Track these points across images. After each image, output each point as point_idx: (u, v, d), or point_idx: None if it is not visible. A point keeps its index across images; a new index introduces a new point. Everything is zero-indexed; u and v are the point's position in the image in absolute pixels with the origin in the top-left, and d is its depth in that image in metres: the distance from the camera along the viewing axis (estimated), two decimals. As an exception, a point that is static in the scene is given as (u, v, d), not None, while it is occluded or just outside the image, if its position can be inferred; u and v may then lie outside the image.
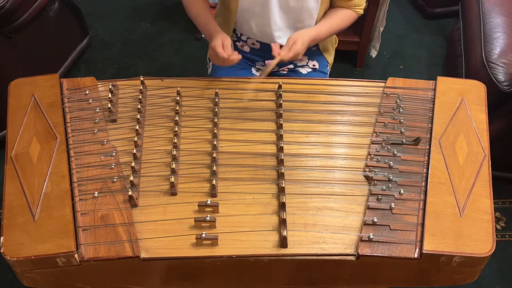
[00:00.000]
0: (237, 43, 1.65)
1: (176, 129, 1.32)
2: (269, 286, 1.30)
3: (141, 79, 1.44)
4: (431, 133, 1.33)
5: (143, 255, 1.12)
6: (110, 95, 1.38)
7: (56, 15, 2.33)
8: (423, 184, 1.24)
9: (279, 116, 1.37)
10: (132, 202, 1.19)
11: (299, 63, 1.67)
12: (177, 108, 1.38)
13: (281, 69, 1.68)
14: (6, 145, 1.28)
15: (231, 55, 1.39)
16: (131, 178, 1.20)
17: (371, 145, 1.32)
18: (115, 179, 1.23)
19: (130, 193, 1.18)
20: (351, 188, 1.24)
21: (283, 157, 1.27)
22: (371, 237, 1.14)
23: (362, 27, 2.46)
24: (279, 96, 1.42)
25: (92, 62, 2.65)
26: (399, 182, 1.24)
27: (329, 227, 1.17)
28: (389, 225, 1.16)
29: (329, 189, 1.24)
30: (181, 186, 1.24)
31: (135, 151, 1.26)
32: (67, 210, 1.16)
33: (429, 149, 1.30)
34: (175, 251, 1.13)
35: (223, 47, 1.40)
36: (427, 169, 1.26)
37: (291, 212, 1.18)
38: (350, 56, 2.66)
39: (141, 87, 1.41)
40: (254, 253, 1.13)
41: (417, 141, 1.30)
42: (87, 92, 1.41)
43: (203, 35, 2.25)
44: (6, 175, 1.23)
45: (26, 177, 1.22)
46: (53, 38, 2.37)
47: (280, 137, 1.32)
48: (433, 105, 1.39)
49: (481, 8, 2.12)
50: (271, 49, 1.53)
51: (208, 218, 1.15)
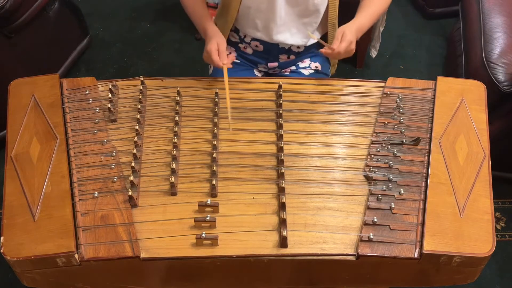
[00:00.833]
0: (239, 45, 1.65)
1: (176, 129, 1.32)
2: (269, 286, 1.30)
3: (141, 79, 1.44)
4: (431, 133, 1.33)
5: (143, 255, 1.12)
6: (110, 95, 1.38)
7: (56, 15, 2.33)
8: (423, 184, 1.24)
9: (279, 116, 1.37)
10: (132, 202, 1.19)
11: (301, 65, 1.66)
12: (177, 108, 1.38)
13: (283, 70, 1.68)
14: (6, 145, 1.28)
15: (227, 63, 1.39)
16: (131, 178, 1.20)
17: (371, 145, 1.32)
18: (115, 179, 1.23)
19: (130, 193, 1.18)
20: (351, 188, 1.24)
21: (283, 157, 1.27)
22: (371, 237, 1.14)
23: (362, 27, 2.46)
24: (279, 96, 1.42)
25: (92, 62, 2.65)
26: (399, 182, 1.24)
27: (329, 227, 1.17)
28: (389, 225, 1.16)
29: (329, 189, 1.24)
30: (181, 186, 1.24)
31: (135, 151, 1.26)
32: (67, 210, 1.16)
33: (429, 149, 1.30)
34: (175, 251, 1.13)
35: (219, 53, 1.40)
36: (427, 169, 1.26)
37: (291, 212, 1.18)
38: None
39: (141, 87, 1.41)
40: (254, 253, 1.13)
41: (417, 141, 1.30)
42: (87, 92, 1.41)
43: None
44: (6, 175, 1.23)
45: (26, 177, 1.22)
46: (53, 38, 2.37)
47: (280, 137, 1.32)
48: (433, 105, 1.39)
49: (481, 8, 2.11)
50: (275, 51, 1.53)
51: (208, 218, 1.15)
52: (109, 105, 1.36)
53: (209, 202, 1.18)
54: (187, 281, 1.23)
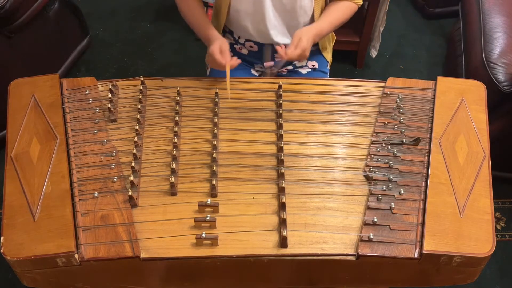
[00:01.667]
0: (235, 46, 1.65)
1: (176, 129, 1.32)
2: (269, 286, 1.30)
3: (141, 79, 1.44)
4: (431, 133, 1.33)
5: (143, 255, 1.12)
6: (110, 95, 1.38)
7: (56, 15, 2.33)
8: (423, 184, 1.24)
9: (279, 116, 1.37)
10: (132, 202, 1.19)
11: (298, 64, 1.67)
12: (177, 108, 1.38)
13: (281, 70, 1.68)
14: (6, 145, 1.28)
15: (230, 61, 1.39)
16: (131, 178, 1.20)
17: (371, 145, 1.32)
18: (115, 179, 1.23)
19: (130, 193, 1.18)
20: (351, 188, 1.24)
21: (283, 157, 1.27)
22: (371, 237, 1.14)
23: (362, 27, 2.46)
24: (279, 96, 1.42)
25: (92, 62, 2.65)
26: (399, 182, 1.24)
27: (329, 227, 1.17)
28: (389, 225, 1.16)
29: (329, 189, 1.24)
30: (181, 186, 1.24)
31: (135, 151, 1.26)
32: (67, 210, 1.16)
33: (429, 149, 1.30)
34: (175, 251, 1.13)
35: (221, 52, 1.40)
36: (427, 169, 1.26)
37: (291, 212, 1.18)
38: (350, 56, 2.66)
39: (141, 87, 1.41)
40: (254, 253, 1.13)
41: (417, 141, 1.30)
42: (87, 92, 1.41)
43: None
44: (6, 175, 1.23)
45: (26, 177, 1.22)
46: (53, 38, 2.37)
47: (280, 137, 1.32)
48: (433, 105, 1.39)
49: (481, 8, 2.11)
50: (270, 51, 1.53)
51: (208, 218, 1.15)
52: (109, 105, 1.36)
53: (209, 202, 1.18)
54: (187, 281, 1.23)
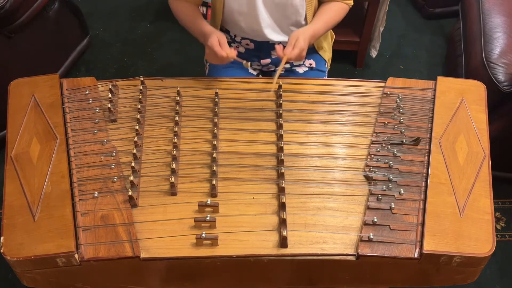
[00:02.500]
0: (232, 44, 1.65)
1: (176, 129, 1.32)
2: (269, 286, 1.30)
3: (141, 79, 1.44)
4: (431, 133, 1.33)
5: (143, 255, 1.12)
6: (110, 95, 1.38)
7: (56, 15, 2.33)
8: (423, 184, 1.24)
9: (279, 116, 1.37)
10: (132, 202, 1.19)
11: (295, 63, 1.67)
12: (177, 108, 1.38)
13: (277, 67, 1.68)
14: (6, 145, 1.28)
15: (230, 52, 1.39)
16: (131, 178, 1.20)
17: (371, 145, 1.32)
18: (115, 179, 1.23)
19: (130, 193, 1.18)
20: (351, 188, 1.24)
21: (283, 157, 1.27)
22: (371, 237, 1.14)
23: (362, 27, 2.46)
24: (279, 96, 1.42)
25: (92, 62, 2.65)
26: (399, 182, 1.24)
27: (329, 227, 1.17)
28: (389, 225, 1.16)
29: (329, 189, 1.24)
30: (181, 186, 1.24)
31: (135, 151, 1.26)
32: (67, 210, 1.16)
33: (429, 149, 1.30)
34: (175, 251, 1.13)
35: (220, 45, 1.40)
36: (427, 169, 1.26)
37: (291, 212, 1.18)
38: (350, 56, 2.66)
39: (141, 87, 1.41)
40: (254, 253, 1.13)
41: (417, 141, 1.30)
42: (87, 92, 1.41)
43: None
44: (6, 175, 1.23)
45: (26, 177, 1.22)
46: (53, 38, 2.37)
47: (280, 137, 1.32)
48: (433, 105, 1.39)
49: (481, 8, 2.11)
50: (267, 48, 1.53)
51: (208, 218, 1.15)
52: (109, 105, 1.36)
53: (209, 202, 1.18)
54: (187, 281, 1.23)
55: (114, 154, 1.28)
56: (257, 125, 1.37)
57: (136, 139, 1.29)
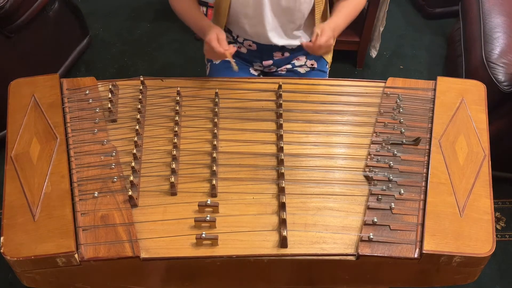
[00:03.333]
0: (234, 45, 1.65)
1: (176, 129, 1.32)
2: (269, 286, 1.30)
3: (141, 79, 1.44)
4: (431, 133, 1.33)
5: (143, 255, 1.12)
6: (110, 95, 1.38)
7: (56, 15, 2.33)
8: (423, 184, 1.24)
9: (279, 116, 1.37)
10: (132, 202, 1.19)
11: (297, 63, 1.67)
12: (177, 108, 1.38)
13: (279, 69, 1.68)
14: (6, 145, 1.28)
15: (228, 49, 1.39)
16: (131, 178, 1.20)
17: (371, 145, 1.32)
18: (115, 179, 1.23)
19: (130, 193, 1.18)
20: (351, 188, 1.24)
21: (283, 157, 1.27)
22: (371, 237, 1.14)
23: (362, 27, 2.46)
24: (279, 96, 1.42)
25: (92, 62, 2.65)
26: (399, 182, 1.24)
27: (329, 227, 1.17)
28: (389, 225, 1.16)
29: (329, 189, 1.24)
30: (181, 186, 1.24)
31: (135, 151, 1.26)
32: (67, 210, 1.16)
33: (429, 149, 1.30)
34: (175, 251, 1.13)
35: (218, 41, 1.39)
36: (427, 169, 1.26)
37: (291, 212, 1.18)
38: (350, 56, 2.66)
39: (141, 87, 1.41)
40: (254, 253, 1.13)
41: (417, 141, 1.30)
42: (87, 92, 1.41)
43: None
44: (6, 175, 1.23)
45: (26, 177, 1.22)
46: (53, 38, 2.37)
47: (280, 137, 1.32)
48: (433, 105, 1.39)
49: (481, 8, 2.11)
50: (269, 50, 1.53)
51: (208, 218, 1.15)
52: (109, 105, 1.36)
53: (209, 202, 1.18)
54: (187, 281, 1.23)
55: (114, 154, 1.28)
56: (257, 125, 1.37)
57: (136, 139, 1.29)
